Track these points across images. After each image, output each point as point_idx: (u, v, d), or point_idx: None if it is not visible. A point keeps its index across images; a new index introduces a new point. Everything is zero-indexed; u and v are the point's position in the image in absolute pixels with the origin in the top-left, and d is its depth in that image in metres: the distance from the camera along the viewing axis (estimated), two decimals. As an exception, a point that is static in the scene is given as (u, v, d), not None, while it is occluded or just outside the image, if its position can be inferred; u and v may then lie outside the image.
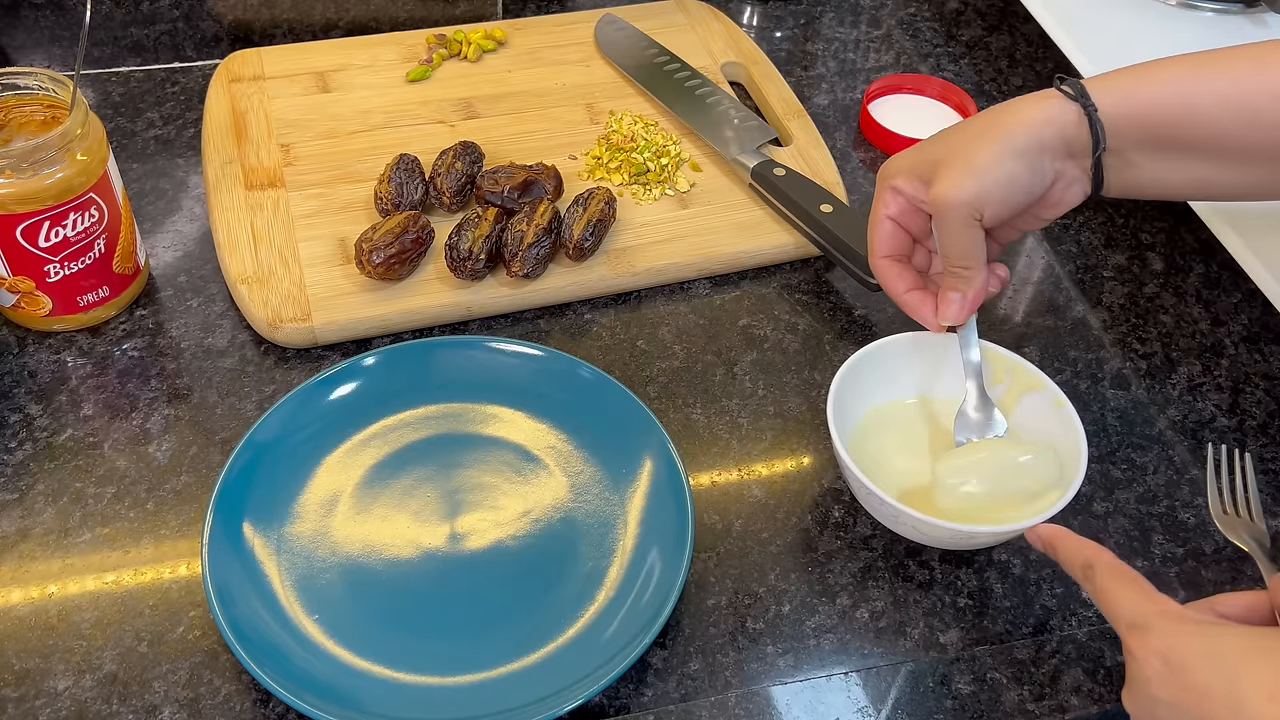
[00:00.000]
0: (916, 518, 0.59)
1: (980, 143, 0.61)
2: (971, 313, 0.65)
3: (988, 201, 0.61)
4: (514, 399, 0.70)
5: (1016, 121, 0.61)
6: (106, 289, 0.72)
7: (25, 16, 0.96)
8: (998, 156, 0.61)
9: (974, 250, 0.63)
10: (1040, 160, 0.62)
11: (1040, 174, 0.62)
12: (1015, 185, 0.61)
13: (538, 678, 0.58)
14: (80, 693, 0.57)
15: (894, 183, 0.66)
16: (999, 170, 0.61)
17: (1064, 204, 0.65)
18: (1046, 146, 0.61)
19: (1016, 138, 0.61)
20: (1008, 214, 0.63)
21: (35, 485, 0.65)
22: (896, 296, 0.67)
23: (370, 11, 1.01)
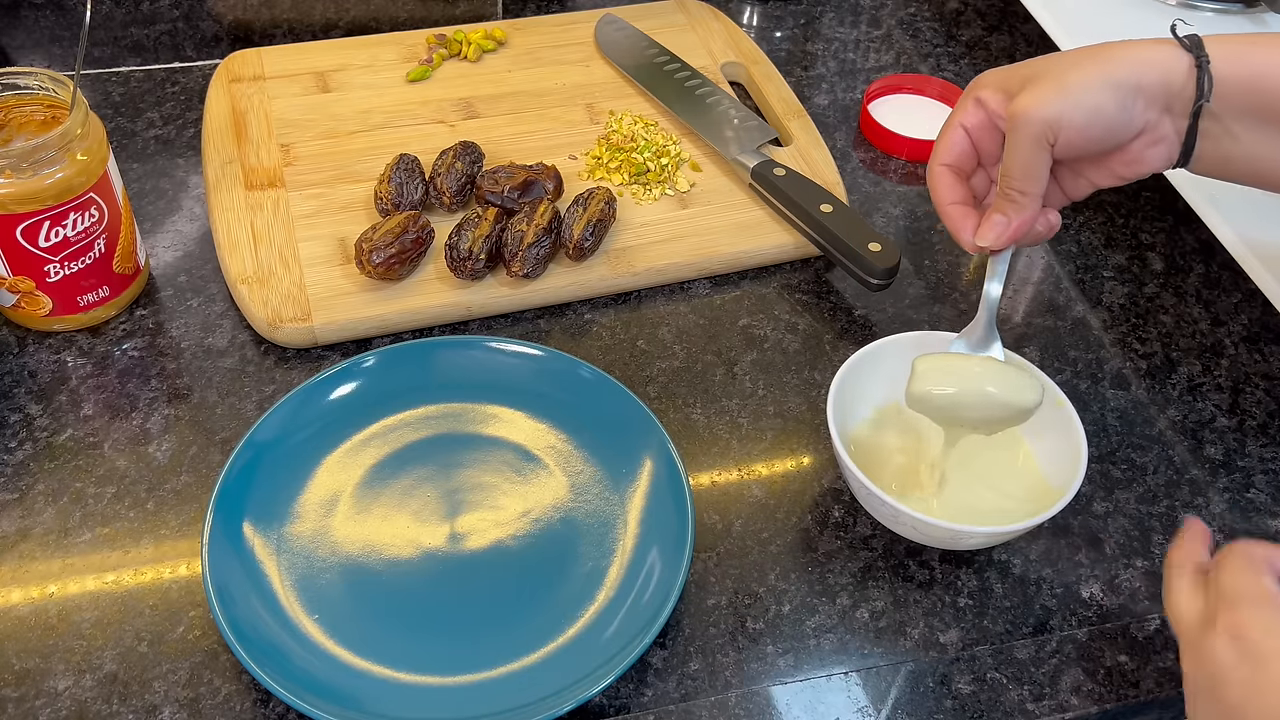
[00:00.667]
0: (916, 517, 0.59)
1: (1078, 66, 0.58)
2: (1011, 243, 0.62)
3: (1066, 125, 0.57)
4: (514, 399, 0.70)
5: (1122, 55, 0.58)
6: (106, 289, 0.72)
7: (25, 16, 0.96)
8: (1090, 82, 0.57)
9: (1036, 173, 0.59)
10: (1134, 101, 0.58)
11: (1129, 115, 0.58)
12: (1099, 117, 0.57)
13: (538, 678, 0.58)
14: (80, 693, 0.57)
15: (980, 93, 0.62)
16: (1087, 96, 0.57)
17: (1145, 163, 0.61)
18: (1145, 89, 0.58)
19: (1117, 70, 0.57)
20: (1084, 148, 0.59)
21: (35, 485, 0.65)
22: (941, 207, 0.64)
23: (370, 11, 1.01)
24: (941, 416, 0.62)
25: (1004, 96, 0.61)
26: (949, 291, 0.80)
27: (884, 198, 0.87)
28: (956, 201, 0.63)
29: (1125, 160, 0.61)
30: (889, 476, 0.65)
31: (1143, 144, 0.60)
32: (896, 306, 0.79)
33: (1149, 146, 0.60)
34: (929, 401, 0.61)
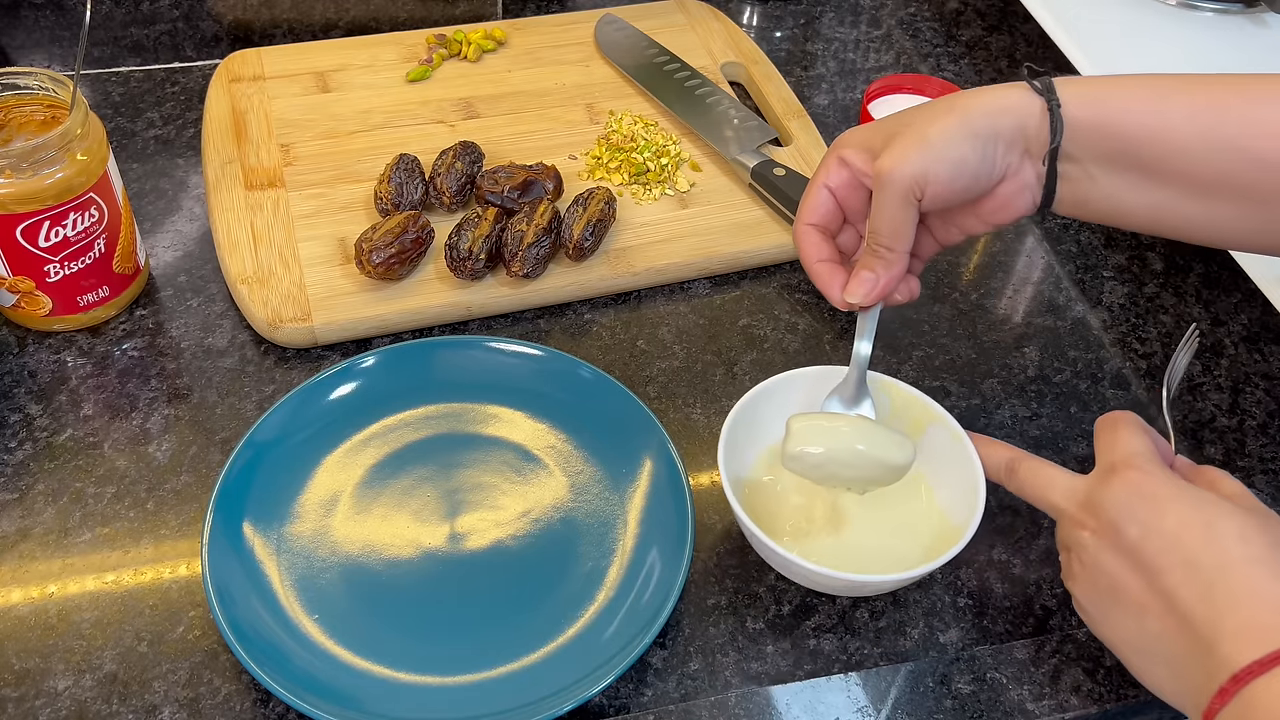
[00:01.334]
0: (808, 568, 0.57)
1: (935, 120, 0.59)
2: (879, 299, 0.62)
3: (932, 179, 0.58)
4: (514, 399, 0.70)
5: (976, 105, 0.59)
6: (106, 289, 0.72)
7: (25, 16, 0.96)
8: (950, 135, 0.58)
9: (903, 230, 0.60)
10: (993, 148, 0.59)
11: (990, 162, 0.59)
12: (963, 168, 0.58)
13: (538, 678, 0.58)
14: (80, 693, 0.57)
15: (843, 152, 0.63)
16: (949, 149, 0.58)
17: (1012, 208, 0.62)
18: (1002, 135, 0.59)
19: (973, 120, 0.58)
20: (951, 199, 0.60)
21: (35, 485, 0.65)
22: (808, 265, 0.65)
23: (370, 11, 1.01)
24: (816, 475, 0.61)
25: (868, 155, 0.61)
26: (949, 291, 0.80)
27: (884, 198, 0.87)
28: (824, 259, 0.64)
29: (992, 207, 0.62)
30: (786, 516, 0.64)
31: (1008, 190, 0.61)
32: (896, 306, 0.79)
33: (1014, 192, 0.61)
34: (803, 460, 0.60)
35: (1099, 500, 0.53)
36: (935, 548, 0.60)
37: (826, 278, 0.64)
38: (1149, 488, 0.52)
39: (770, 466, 0.65)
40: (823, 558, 0.61)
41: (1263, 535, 0.50)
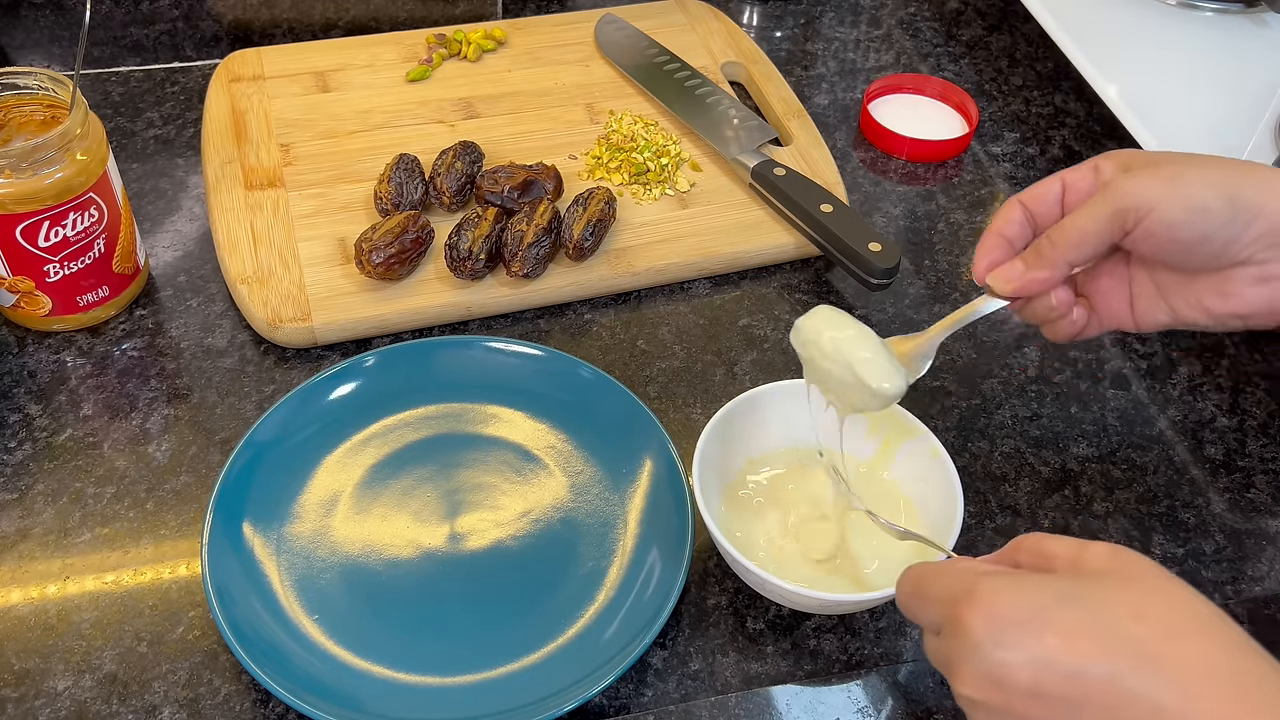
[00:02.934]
0: (783, 587, 0.56)
1: (1203, 166, 0.52)
2: (1013, 294, 0.56)
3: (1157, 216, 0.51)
4: (514, 399, 0.70)
5: (1254, 173, 0.52)
6: (106, 289, 0.72)
7: (25, 16, 0.96)
8: (1208, 183, 0.51)
9: (1085, 243, 0.53)
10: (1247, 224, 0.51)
11: (1232, 235, 0.52)
12: (1196, 221, 0.51)
13: (538, 678, 0.58)
14: (80, 693, 0.57)
15: (1100, 161, 0.56)
16: (1194, 194, 0.51)
17: (1242, 301, 0.54)
18: (1268, 217, 0.51)
19: (1244, 185, 0.51)
20: (1168, 251, 0.53)
21: (35, 485, 0.65)
22: (989, 231, 0.58)
23: (370, 11, 1.01)
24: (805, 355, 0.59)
25: (1120, 170, 0.55)
26: (949, 291, 0.80)
27: (884, 198, 0.87)
28: (1005, 235, 0.58)
29: (1218, 289, 0.54)
30: (760, 533, 0.63)
31: (1245, 278, 0.53)
32: (896, 306, 0.79)
33: (1252, 283, 0.53)
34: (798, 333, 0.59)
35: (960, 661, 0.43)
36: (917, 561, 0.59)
37: (990, 249, 0.58)
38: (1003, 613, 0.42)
39: (750, 479, 0.65)
40: (800, 575, 0.61)
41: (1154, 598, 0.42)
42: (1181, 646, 0.40)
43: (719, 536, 0.58)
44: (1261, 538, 0.67)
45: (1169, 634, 0.41)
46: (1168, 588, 0.43)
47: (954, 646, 0.43)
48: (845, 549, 0.62)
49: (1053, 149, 0.92)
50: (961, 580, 0.44)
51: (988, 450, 0.70)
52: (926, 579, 0.47)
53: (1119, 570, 0.43)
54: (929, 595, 0.46)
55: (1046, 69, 1.00)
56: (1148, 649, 0.40)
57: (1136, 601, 0.41)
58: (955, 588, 0.44)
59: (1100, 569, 0.43)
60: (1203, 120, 0.83)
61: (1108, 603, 0.41)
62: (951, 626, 0.43)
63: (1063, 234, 0.54)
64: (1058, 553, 0.45)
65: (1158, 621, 0.41)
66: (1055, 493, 0.68)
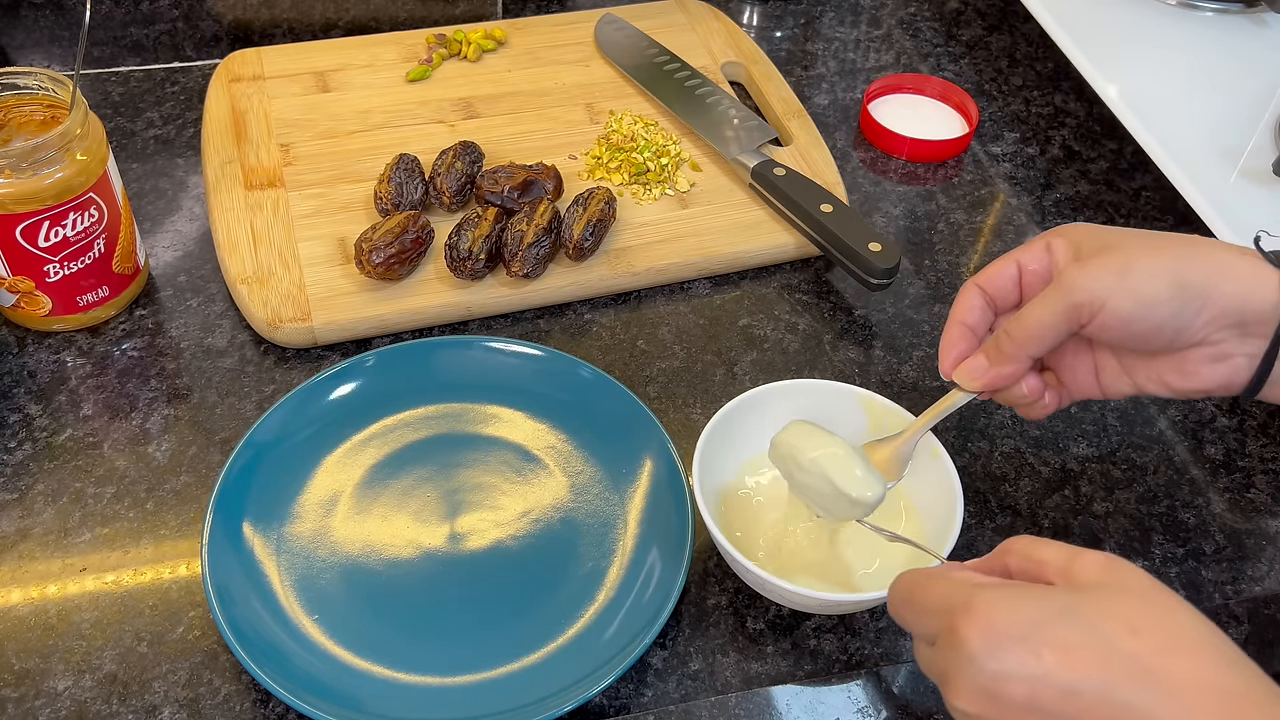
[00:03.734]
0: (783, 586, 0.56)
1: (1149, 250, 0.53)
2: (979, 390, 0.58)
3: (1110, 310, 0.53)
4: (514, 399, 0.70)
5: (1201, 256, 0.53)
6: (106, 289, 0.72)
7: (25, 16, 0.96)
8: (1156, 274, 0.52)
9: (1043, 337, 0.55)
10: (1195, 309, 0.52)
11: (1185, 322, 0.53)
12: (1150, 314, 0.52)
13: (538, 678, 0.58)
14: (80, 693, 0.57)
15: (1054, 240, 0.57)
16: (1146, 288, 0.52)
17: (1201, 379, 0.55)
18: (1214, 301, 0.52)
19: (1191, 269, 0.52)
20: (1124, 340, 0.54)
21: (35, 485, 0.65)
22: (951, 320, 0.60)
23: (370, 11, 1.01)
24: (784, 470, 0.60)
25: (1073, 255, 0.56)
26: (949, 291, 0.80)
27: (884, 198, 0.87)
28: (968, 323, 0.59)
29: (1177, 369, 0.55)
30: (760, 531, 0.63)
31: (1201, 357, 0.54)
32: (896, 306, 0.79)
33: (1208, 362, 0.54)
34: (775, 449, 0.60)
35: (955, 673, 0.43)
36: (914, 565, 0.59)
37: (954, 342, 0.59)
38: (999, 627, 0.42)
39: (749, 479, 0.65)
40: (798, 575, 0.61)
41: (1149, 612, 0.42)
42: (1176, 662, 0.40)
43: (719, 536, 0.58)
44: (1261, 538, 0.67)
45: (1164, 649, 0.41)
46: (1162, 602, 0.43)
47: (949, 658, 0.43)
48: (845, 549, 0.62)
49: (1053, 149, 0.92)
50: (957, 591, 0.44)
51: (988, 450, 0.70)
52: (920, 587, 0.47)
53: (1113, 583, 0.43)
54: (923, 605, 0.46)
55: (1046, 69, 1.00)
56: (1143, 664, 0.40)
57: (1131, 616, 0.41)
58: (951, 599, 0.44)
59: (1094, 581, 0.43)
60: (1203, 120, 0.83)
61: (1103, 617, 0.41)
62: (947, 638, 0.43)
63: (1021, 329, 0.55)
64: (1048, 559, 0.45)
65: (1152, 636, 0.41)
66: (1055, 493, 0.68)
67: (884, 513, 0.63)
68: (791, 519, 0.63)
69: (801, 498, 0.61)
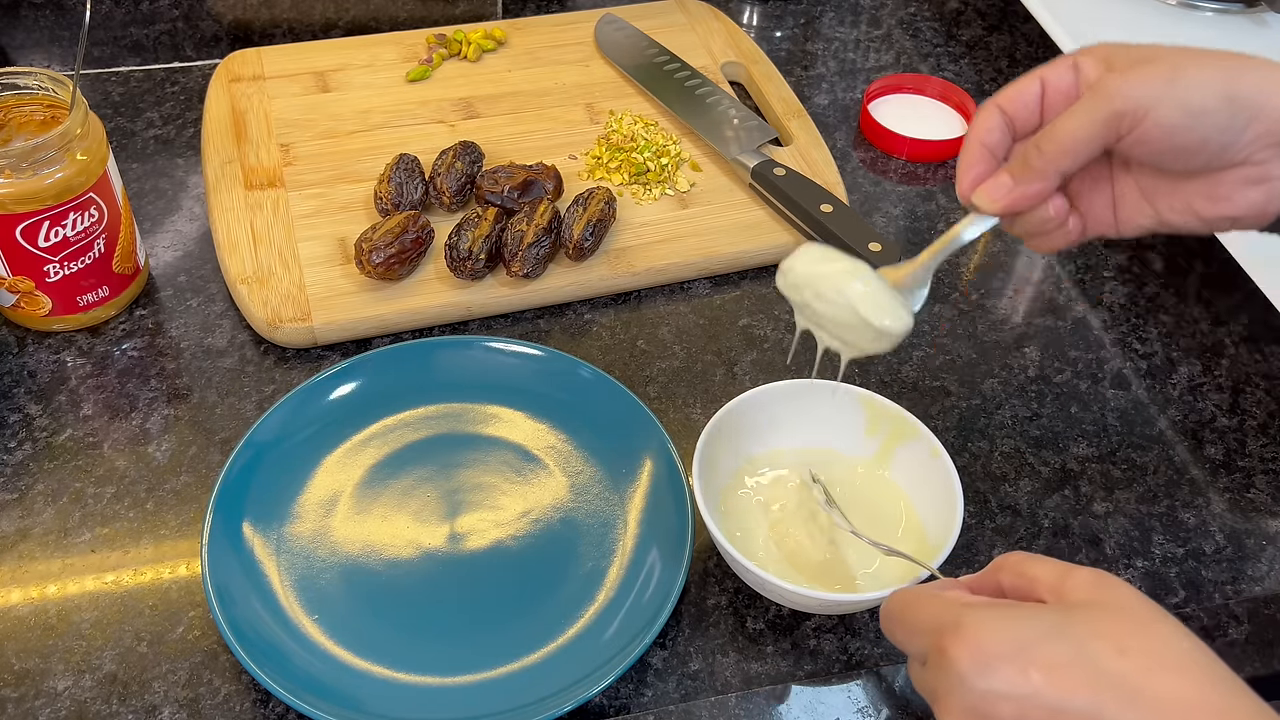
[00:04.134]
0: (783, 587, 0.56)
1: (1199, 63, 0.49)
2: (1004, 212, 0.53)
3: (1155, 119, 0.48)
4: (514, 399, 0.70)
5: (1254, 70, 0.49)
6: (106, 289, 0.72)
7: (25, 16, 0.96)
8: (1207, 84, 0.48)
9: (1077, 150, 0.50)
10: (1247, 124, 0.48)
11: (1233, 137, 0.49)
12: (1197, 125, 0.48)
13: (538, 678, 0.58)
14: (80, 693, 0.57)
15: (1080, 58, 0.52)
16: (1194, 96, 0.48)
17: (1234, 204, 0.51)
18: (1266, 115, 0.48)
19: (1241, 83, 0.48)
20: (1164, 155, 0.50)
21: (35, 485, 0.65)
22: (969, 140, 0.54)
23: (370, 11, 1.01)
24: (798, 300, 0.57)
25: (1104, 68, 0.51)
26: (949, 291, 0.80)
27: (884, 198, 0.87)
28: (987, 143, 0.54)
29: (1208, 193, 0.51)
30: (761, 532, 0.63)
31: (1237, 179, 0.51)
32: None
33: (1245, 185, 0.51)
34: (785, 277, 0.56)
35: (945, 693, 0.43)
36: (913, 568, 0.59)
37: (972, 160, 0.54)
38: (988, 647, 0.42)
39: (750, 479, 0.65)
40: (798, 575, 0.61)
41: (1137, 632, 0.42)
42: (1164, 681, 0.40)
43: (719, 536, 0.58)
44: (1261, 538, 0.67)
45: (1151, 669, 0.41)
46: (1151, 620, 0.42)
47: (939, 678, 0.43)
48: (845, 549, 0.62)
49: (1053, 149, 0.92)
50: (946, 611, 0.44)
51: (988, 450, 0.70)
52: (910, 606, 0.47)
53: (1102, 601, 0.43)
54: (913, 624, 0.46)
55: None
56: (1131, 684, 0.40)
57: (1120, 635, 0.41)
58: (941, 618, 0.44)
59: (1084, 600, 0.43)
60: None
61: (1091, 637, 0.41)
62: (936, 658, 0.43)
63: (1053, 141, 0.51)
64: (1039, 576, 0.45)
65: (1141, 656, 0.41)
66: (1055, 493, 0.68)
67: (883, 512, 0.63)
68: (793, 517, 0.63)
69: (817, 329, 0.57)
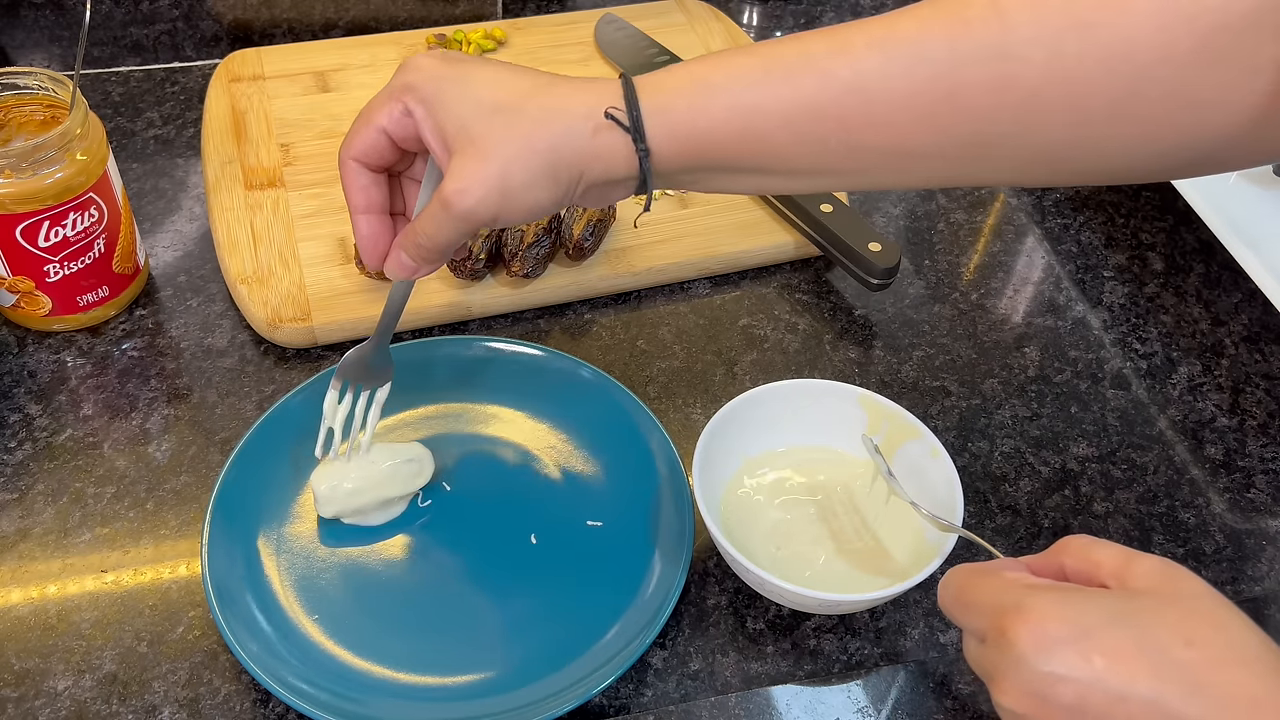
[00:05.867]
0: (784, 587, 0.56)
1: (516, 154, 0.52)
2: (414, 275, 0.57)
3: (501, 221, 0.53)
4: (514, 399, 0.70)
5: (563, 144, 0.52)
6: (106, 289, 0.72)
7: (25, 16, 0.96)
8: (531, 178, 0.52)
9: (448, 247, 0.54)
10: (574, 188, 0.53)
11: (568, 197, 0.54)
12: (537, 211, 0.53)
13: (538, 678, 0.57)
14: (80, 693, 0.57)
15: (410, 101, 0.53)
16: (526, 194, 0.52)
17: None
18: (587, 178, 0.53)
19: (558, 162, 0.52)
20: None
21: (35, 485, 0.65)
22: (354, 214, 0.57)
23: (370, 11, 1.01)
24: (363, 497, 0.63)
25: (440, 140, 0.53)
26: (949, 291, 0.80)
27: (884, 198, 0.87)
28: (370, 211, 0.57)
29: None
30: (761, 532, 0.63)
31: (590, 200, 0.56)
32: (896, 306, 0.79)
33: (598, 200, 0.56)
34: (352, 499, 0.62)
35: (1004, 673, 0.43)
36: (916, 564, 0.60)
37: (373, 239, 0.57)
38: (1050, 630, 0.42)
39: (750, 479, 0.65)
40: (798, 575, 0.60)
41: (1204, 623, 0.42)
42: (1230, 675, 0.40)
43: (719, 536, 0.58)
44: (1261, 538, 0.67)
45: (1218, 662, 0.40)
46: (1218, 612, 0.42)
47: (998, 658, 0.43)
48: (846, 550, 0.62)
49: (1053, 149, 0.92)
50: (1008, 592, 0.44)
51: (988, 450, 0.70)
52: (971, 586, 0.47)
53: (1169, 590, 0.43)
54: (974, 603, 0.46)
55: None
56: (1196, 676, 0.40)
57: (1187, 626, 0.41)
58: (1003, 599, 0.44)
59: (1150, 588, 0.43)
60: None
61: (1157, 626, 0.41)
62: (996, 637, 0.43)
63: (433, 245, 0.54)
64: (1103, 561, 0.45)
65: (1207, 648, 0.40)
66: (1055, 493, 0.68)
67: (884, 512, 0.63)
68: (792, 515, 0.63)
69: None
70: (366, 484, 0.62)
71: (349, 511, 0.62)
